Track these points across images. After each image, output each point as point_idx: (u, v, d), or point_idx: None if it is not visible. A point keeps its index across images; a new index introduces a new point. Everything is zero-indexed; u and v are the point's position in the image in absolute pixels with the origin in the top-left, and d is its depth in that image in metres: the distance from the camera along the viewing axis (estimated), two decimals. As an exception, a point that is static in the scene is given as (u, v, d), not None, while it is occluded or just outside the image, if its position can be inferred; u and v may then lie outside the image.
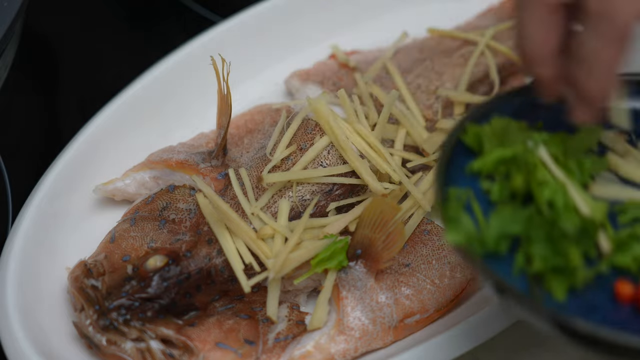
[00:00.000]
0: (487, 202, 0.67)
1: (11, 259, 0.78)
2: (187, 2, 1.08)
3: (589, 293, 0.64)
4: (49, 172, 0.84)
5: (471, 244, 0.64)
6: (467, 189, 0.67)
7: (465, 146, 0.69)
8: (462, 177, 0.68)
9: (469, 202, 0.66)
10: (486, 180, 0.68)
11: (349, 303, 0.76)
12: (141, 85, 0.91)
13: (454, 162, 0.69)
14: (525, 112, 0.71)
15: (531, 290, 0.63)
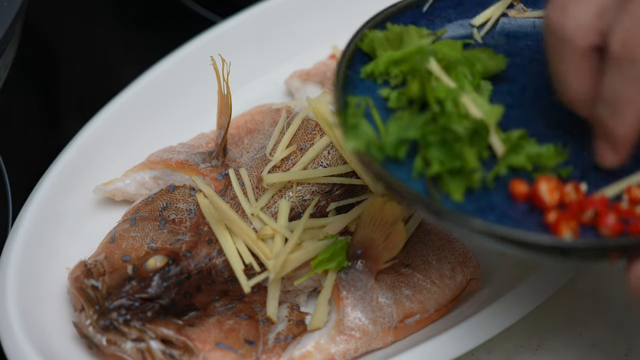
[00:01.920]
0: (385, 109, 0.69)
1: (11, 259, 0.78)
2: (187, 2, 1.08)
3: (486, 194, 0.66)
4: (49, 172, 0.84)
5: (371, 150, 0.65)
6: (366, 97, 0.69)
7: (364, 54, 0.71)
8: (361, 86, 0.70)
9: (369, 109, 0.68)
10: (384, 87, 0.70)
11: (349, 303, 0.76)
12: (141, 85, 0.91)
13: (354, 69, 0.70)
14: (434, 16, 0.74)
15: (429, 192, 0.65)
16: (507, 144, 0.67)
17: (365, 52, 0.72)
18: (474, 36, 0.75)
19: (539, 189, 0.66)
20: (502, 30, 0.75)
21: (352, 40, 0.71)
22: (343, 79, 0.69)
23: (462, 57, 0.71)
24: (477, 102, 0.68)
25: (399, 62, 0.71)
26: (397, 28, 0.72)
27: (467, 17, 0.75)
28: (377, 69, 0.71)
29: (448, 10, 0.75)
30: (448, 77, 0.69)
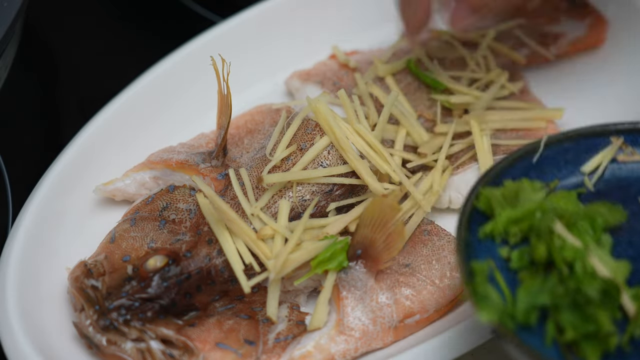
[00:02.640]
0: (507, 269, 0.68)
1: (11, 259, 0.78)
2: (187, 2, 1.08)
3: (622, 357, 0.64)
4: (49, 172, 0.84)
5: (503, 320, 0.64)
6: (488, 259, 0.67)
7: (479, 212, 0.70)
8: (480, 247, 0.68)
9: (492, 273, 0.67)
10: (503, 246, 0.69)
11: (349, 303, 0.76)
12: (141, 85, 0.91)
13: (471, 230, 0.69)
14: (544, 165, 0.73)
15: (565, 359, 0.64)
16: (638, 302, 0.65)
17: (480, 211, 0.70)
18: (585, 184, 0.73)
19: None
20: (612, 176, 0.74)
21: (468, 199, 0.69)
22: (465, 243, 0.67)
23: (581, 211, 0.70)
24: (603, 259, 0.67)
25: (518, 220, 0.69)
26: (512, 185, 0.70)
27: (576, 164, 0.74)
28: (496, 229, 0.69)
29: (557, 159, 0.74)
30: (572, 236, 0.68)
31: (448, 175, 0.84)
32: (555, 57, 0.95)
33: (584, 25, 0.96)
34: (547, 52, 0.94)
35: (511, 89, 0.90)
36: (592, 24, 0.96)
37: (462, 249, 0.67)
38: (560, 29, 0.96)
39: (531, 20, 0.97)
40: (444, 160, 0.84)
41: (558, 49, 0.95)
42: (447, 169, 0.84)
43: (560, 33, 0.96)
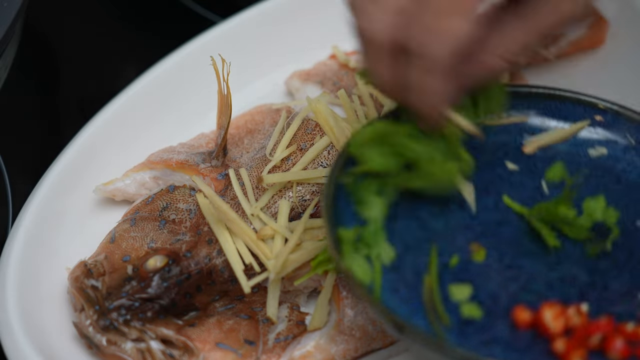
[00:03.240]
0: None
1: (11, 259, 0.78)
2: (187, 2, 1.08)
3: (489, 325, 0.65)
4: (49, 172, 0.84)
5: (369, 286, 0.65)
6: (355, 227, 0.67)
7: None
8: (348, 211, 0.68)
9: (359, 238, 0.67)
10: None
11: (349, 303, 0.76)
12: (141, 85, 0.91)
13: (340, 197, 0.68)
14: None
15: (432, 327, 0.64)
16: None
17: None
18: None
19: (543, 317, 0.64)
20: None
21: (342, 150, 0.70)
22: (332, 211, 0.67)
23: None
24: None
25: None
26: (382, 125, 0.70)
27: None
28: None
29: None
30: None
31: (448, 175, 0.84)
32: (555, 57, 0.95)
33: (584, 25, 0.96)
34: (547, 52, 0.94)
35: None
36: (592, 24, 0.96)
37: (329, 213, 0.67)
38: (560, 29, 0.96)
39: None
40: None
41: (558, 49, 0.95)
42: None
43: (560, 33, 0.96)
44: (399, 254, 0.68)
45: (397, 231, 0.69)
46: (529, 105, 0.75)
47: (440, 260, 0.67)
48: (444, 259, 0.68)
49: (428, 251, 0.68)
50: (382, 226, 0.68)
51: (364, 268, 0.66)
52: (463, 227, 0.70)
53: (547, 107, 0.75)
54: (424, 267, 0.67)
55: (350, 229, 0.67)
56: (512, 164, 0.73)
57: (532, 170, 0.73)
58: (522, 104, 0.75)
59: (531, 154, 0.74)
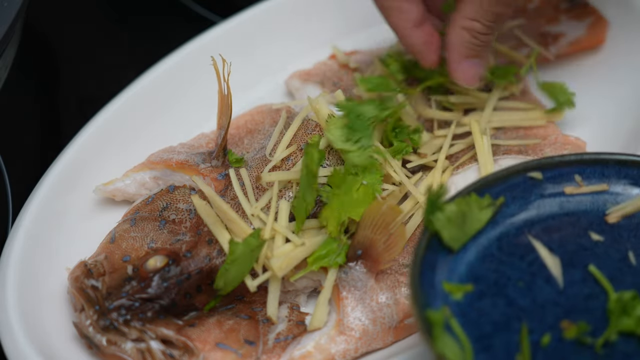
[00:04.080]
0: (462, 314, 0.67)
1: (11, 259, 0.78)
2: (187, 2, 1.08)
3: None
4: (49, 172, 0.84)
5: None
6: (443, 307, 0.66)
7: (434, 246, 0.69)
8: (434, 290, 0.67)
9: (447, 320, 0.66)
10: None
11: (349, 303, 0.76)
12: (141, 85, 0.91)
13: (425, 273, 0.67)
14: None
15: None
16: (619, 305, 0.66)
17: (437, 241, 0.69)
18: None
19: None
20: (561, 210, 0.73)
21: (421, 243, 0.69)
22: (418, 288, 0.66)
23: None
24: None
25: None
26: (457, 203, 0.70)
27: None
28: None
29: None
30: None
31: (448, 175, 0.84)
32: (555, 57, 0.95)
33: (584, 25, 0.96)
34: (547, 52, 0.94)
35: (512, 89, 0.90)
36: (592, 24, 0.96)
37: (416, 296, 0.66)
38: (560, 29, 0.96)
39: (531, 20, 0.97)
40: (444, 161, 0.84)
41: (558, 49, 0.95)
42: (447, 169, 0.84)
43: (560, 33, 0.96)
44: (489, 333, 0.66)
45: (484, 309, 0.67)
46: (608, 173, 0.73)
47: (531, 339, 0.66)
48: (535, 337, 0.66)
49: (518, 330, 0.66)
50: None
51: (454, 350, 0.64)
52: (551, 303, 0.68)
53: (628, 174, 0.73)
54: (515, 346, 0.65)
55: (438, 309, 0.66)
56: (596, 234, 0.71)
57: (617, 240, 0.71)
58: (601, 172, 0.73)
59: (615, 223, 0.72)
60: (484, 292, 0.68)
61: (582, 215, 0.72)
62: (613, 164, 0.73)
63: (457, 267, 0.69)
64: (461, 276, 0.68)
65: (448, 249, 0.69)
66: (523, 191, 0.72)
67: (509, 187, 0.72)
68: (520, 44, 0.95)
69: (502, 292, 0.68)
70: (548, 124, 0.88)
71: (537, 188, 0.72)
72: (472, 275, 0.68)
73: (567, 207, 0.72)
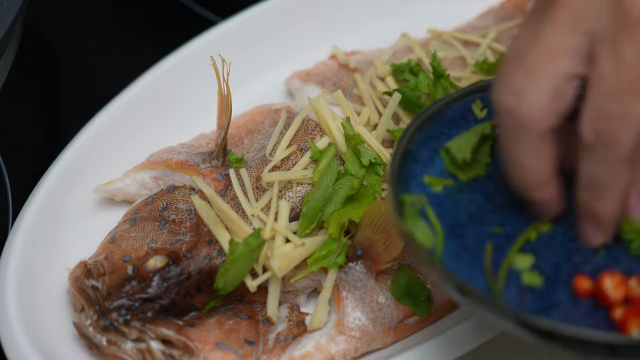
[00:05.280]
0: (438, 204, 0.68)
1: (11, 259, 0.78)
2: (187, 2, 1.08)
3: (549, 291, 0.65)
4: (49, 172, 0.84)
5: (430, 250, 0.65)
6: (421, 195, 0.68)
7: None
8: (415, 180, 0.69)
9: (423, 207, 0.67)
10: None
11: (349, 303, 0.76)
12: (141, 85, 0.91)
13: (405, 167, 0.69)
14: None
15: (491, 290, 0.64)
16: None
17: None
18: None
19: (603, 285, 0.64)
20: None
21: (404, 136, 0.69)
22: (397, 177, 0.67)
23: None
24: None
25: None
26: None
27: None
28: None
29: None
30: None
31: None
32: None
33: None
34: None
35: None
36: (592, 24, 0.95)
37: (394, 180, 0.67)
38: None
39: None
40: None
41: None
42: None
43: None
44: (463, 223, 0.68)
45: (461, 202, 0.69)
46: None
47: (504, 232, 0.67)
48: (508, 230, 0.68)
49: (492, 223, 0.68)
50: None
51: (425, 233, 0.66)
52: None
53: None
54: (486, 237, 0.67)
55: (414, 194, 0.68)
56: None
57: None
58: None
59: None
60: (463, 187, 0.69)
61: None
62: None
63: (441, 162, 0.70)
64: (442, 172, 0.70)
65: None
66: None
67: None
68: (520, 44, 0.95)
69: (481, 187, 0.70)
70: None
71: None
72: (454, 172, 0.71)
73: None
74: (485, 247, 0.67)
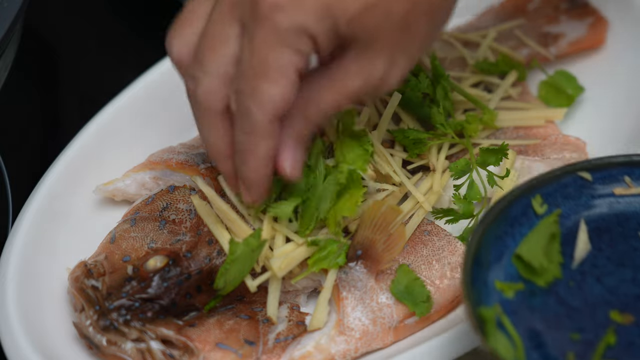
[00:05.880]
0: (513, 312, 0.67)
1: (11, 259, 0.78)
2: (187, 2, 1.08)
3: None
4: (49, 172, 0.84)
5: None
6: (495, 304, 0.67)
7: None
8: (486, 288, 0.68)
9: (499, 318, 0.66)
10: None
11: (349, 303, 0.76)
12: (141, 85, 0.91)
13: (475, 275, 0.68)
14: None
15: None
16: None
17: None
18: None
19: None
20: (610, 210, 0.73)
21: (472, 238, 0.69)
22: (470, 286, 0.67)
23: None
24: None
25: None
26: None
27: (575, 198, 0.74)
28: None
29: (555, 194, 0.73)
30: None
31: (448, 175, 0.84)
32: (556, 58, 0.95)
33: (584, 26, 0.96)
34: (547, 52, 0.94)
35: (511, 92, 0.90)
36: (593, 24, 0.96)
37: (469, 293, 0.66)
38: (560, 29, 0.96)
39: (531, 21, 0.97)
40: (444, 161, 0.84)
41: (558, 49, 0.95)
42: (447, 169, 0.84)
43: (560, 33, 0.96)
44: (540, 331, 0.67)
45: (535, 308, 0.68)
46: None
47: (583, 337, 0.66)
48: (587, 336, 0.66)
49: (570, 328, 0.67)
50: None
51: (506, 346, 0.65)
52: (602, 302, 0.68)
53: None
54: (566, 344, 0.66)
55: (491, 307, 0.67)
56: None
57: None
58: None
59: None
60: (535, 291, 0.68)
61: (632, 216, 0.72)
62: None
63: (509, 265, 0.70)
64: (513, 275, 0.69)
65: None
66: (574, 191, 0.73)
67: (560, 187, 0.72)
68: (520, 44, 0.95)
69: (553, 290, 0.69)
70: (548, 124, 0.88)
71: (586, 189, 0.73)
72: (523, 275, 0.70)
73: (616, 208, 0.73)
74: (567, 357, 0.65)
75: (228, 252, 0.74)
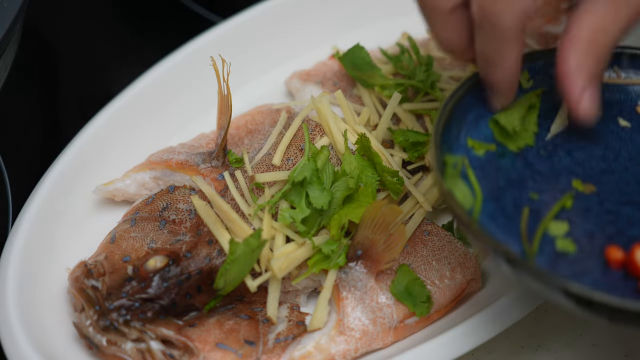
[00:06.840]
0: (479, 167, 0.70)
1: (11, 259, 0.78)
2: (187, 2, 1.08)
3: (581, 259, 0.66)
4: (49, 172, 0.84)
5: (469, 210, 0.67)
6: (463, 156, 0.70)
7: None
8: (457, 142, 0.71)
9: (464, 169, 0.69)
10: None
11: (349, 303, 0.76)
12: (141, 85, 0.91)
13: (449, 129, 0.71)
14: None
15: (525, 251, 0.66)
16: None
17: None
18: None
19: (635, 256, 0.66)
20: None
21: (450, 99, 0.72)
22: (441, 138, 0.70)
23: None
24: None
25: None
26: None
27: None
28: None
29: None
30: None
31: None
32: (556, 57, 0.95)
33: (584, 26, 0.95)
34: (547, 52, 0.94)
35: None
36: (592, 24, 0.95)
37: (438, 140, 0.69)
38: (560, 29, 0.96)
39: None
40: (444, 161, 0.84)
41: (558, 49, 0.95)
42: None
43: (560, 33, 0.95)
44: (502, 187, 0.70)
45: (502, 167, 0.71)
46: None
47: (541, 199, 0.69)
48: (545, 198, 0.70)
49: (531, 189, 0.70)
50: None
51: (465, 193, 0.68)
52: (567, 171, 0.72)
53: None
54: (523, 202, 0.69)
55: (457, 155, 0.69)
56: (625, 120, 0.74)
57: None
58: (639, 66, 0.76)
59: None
60: (506, 153, 0.72)
61: (615, 103, 0.75)
62: None
63: (486, 128, 0.72)
64: (487, 137, 0.72)
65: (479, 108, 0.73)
66: None
67: (548, 66, 0.74)
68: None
69: (522, 154, 0.72)
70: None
71: None
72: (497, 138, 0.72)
73: (602, 94, 0.74)
74: (522, 211, 0.68)
75: (228, 252, 0.74)
